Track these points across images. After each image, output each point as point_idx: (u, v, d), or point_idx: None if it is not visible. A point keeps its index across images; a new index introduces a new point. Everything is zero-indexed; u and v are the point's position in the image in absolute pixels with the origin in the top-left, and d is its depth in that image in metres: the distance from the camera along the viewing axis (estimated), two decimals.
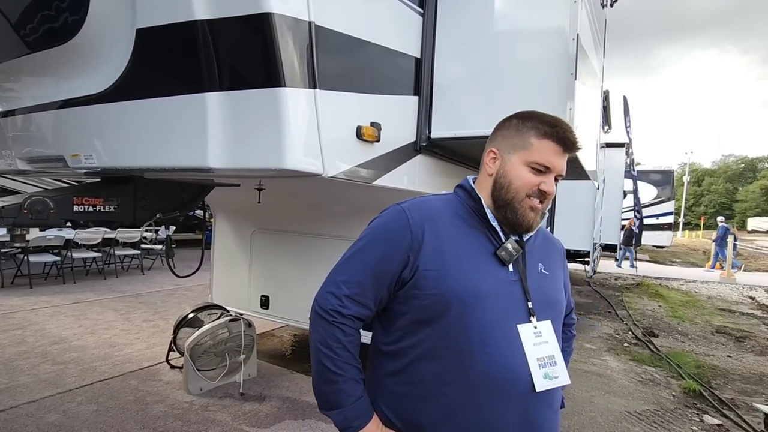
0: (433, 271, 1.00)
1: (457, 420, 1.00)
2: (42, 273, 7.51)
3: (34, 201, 1.90)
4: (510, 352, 0.99)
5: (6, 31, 1.98)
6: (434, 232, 1.03)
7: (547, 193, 1.04)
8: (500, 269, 1.04)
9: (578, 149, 1.06)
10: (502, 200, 1.05)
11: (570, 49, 2.12)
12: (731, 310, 8.19)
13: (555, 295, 1.14)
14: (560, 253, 1.26)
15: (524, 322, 1.02)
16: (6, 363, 3.86)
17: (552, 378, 1.02)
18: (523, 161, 1.04)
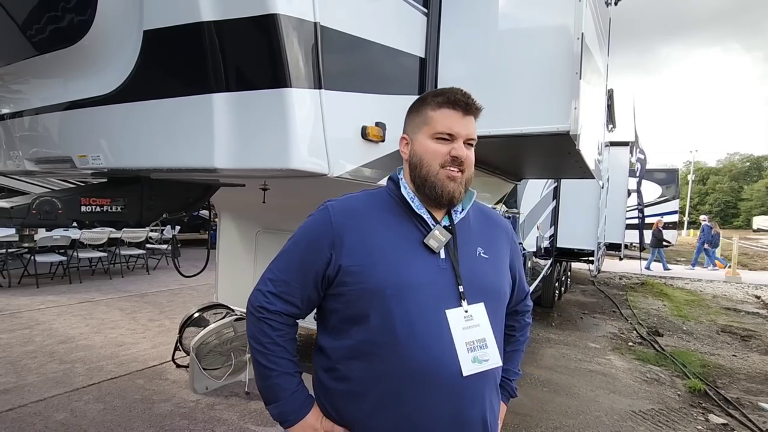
0: (356, 267, 1.01)
1: (386, 415, 1.00)
2: (48, 273, 7.57)
3: (42, 201, 1.92)
4: (437, 340, 0.98)
5: (14, 33, 1.99)
6: (357, 228, 1.04)
7: (461, 159, 1.04)
8: (430, 257, 1.03)
9: (477, 108, 1.07)
10: (420, 178, 1.06)
11: (575, 48, 2.12)
12: (736, 309, 8.15)
13: (494, 279, 1.12)
14: (508, 236, 1.22)
15: (455, 307, 1.01)
16: (14, 362, 3.90)
17: (482, 361, 1.01)
18: (428, 136, 1.07)
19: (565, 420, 3.44)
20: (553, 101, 2.16)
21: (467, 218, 1.13)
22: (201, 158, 1.71)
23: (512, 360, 1.30)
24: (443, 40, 2.44)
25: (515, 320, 1.31)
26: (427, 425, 0.99)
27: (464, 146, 1.06)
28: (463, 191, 1.07)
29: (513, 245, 1.23)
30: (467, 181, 1.08)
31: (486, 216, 1.21)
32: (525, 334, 1.35)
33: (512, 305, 1.27)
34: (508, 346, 1.28)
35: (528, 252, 5.50)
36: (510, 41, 2.34)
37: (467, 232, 1.11)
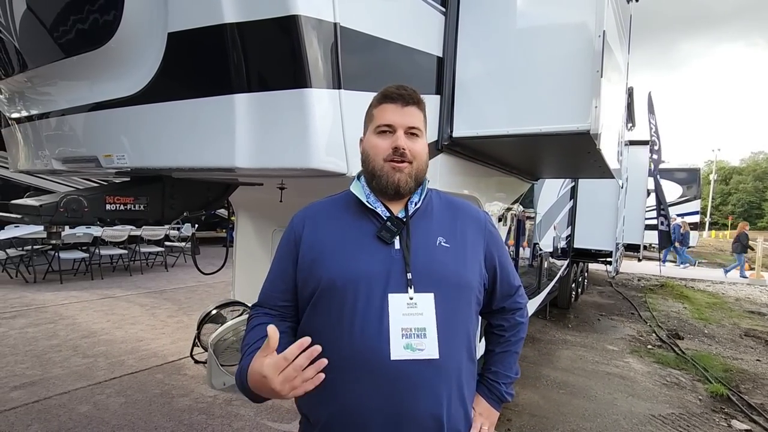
0: (308, 261, 1.09)
1: (325, 405, 1.03)
2: (71, 269, 7.78)
3: (69, 200, 1.98)
4: (374, 324, 0.99)
5: (43, 36, 2.06)
6: (313, 227, 1.13)
7: (401, 148, 1.06)
8: (384, 248, 1.06)
9: (414, 98, 1.11)
10: (369, 172, 1.12)
11: (596, 46, 2.08)
12: (761, 313, 7.93)
13: (454, 269, 1.08)
14: (480, 227, 1.18)
15: (400, 293, 1.02)
16: (39, 355, 4.02)
17: (415, 349, 0.99)
18: (372, 132, 1.12)
19: (583, 423, 3.40)
20: (573, 100, 2.13)
21: (429, 209, 1.15)
22: (222, 158, 1.73)
23: (502, 362, 1.24)
24: (461, 39, 2.43)
25: (503, 318, 1.25)
26: (362, 416, 0.99)
27: (406, 136, 1.08)
28: (410, 181, 1.09)
29: (489, 236, 1.19)
30: (418, 172, 1.11)
31: (454, 207, 1.20)
32: (518, 334, 1.26)
33: (497, 301, 1.23)
34: (496, 347, 1.25)
35: (544, 252, 5.44)
36: (529, 40, 2.32)
37: (427, 222, 1.12)
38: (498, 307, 1.24)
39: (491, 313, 1.25)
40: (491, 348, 1.26)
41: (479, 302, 1.16)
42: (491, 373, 1.23)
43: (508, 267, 1.23)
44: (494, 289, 1.21)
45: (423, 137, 1.12)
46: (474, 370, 1.14)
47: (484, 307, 1.22)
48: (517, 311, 1.26)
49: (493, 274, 1.19)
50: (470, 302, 1.11)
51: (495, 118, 2.35)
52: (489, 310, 1.25)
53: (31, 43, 2.16)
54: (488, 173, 3.14)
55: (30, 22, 2.06)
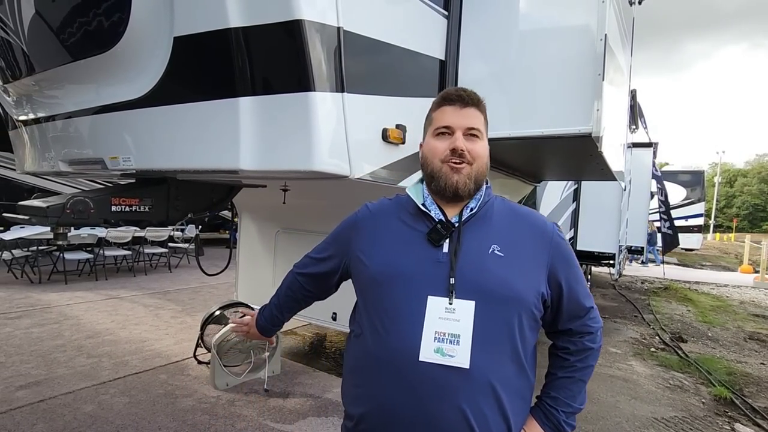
0: (361, 254, 1.12)
1: (362, 398, 1.06)
2: (76, 270, 7.81)
3: (76, 201, 2.00)
4: (409, 324, 1.00)
5: (51, 40, 2.09)
6: (373, 223, 1.16)
7: (459, 149, 1.05)
8: (432, 251, 1.05)
9: (474, 99, 1.10)
10: (428, 175, 1.11)
11: (598, 49, 2.10)
12: (765, 316, 7.88)
13: (504, 280, 1.02)
14: (544, 239, 1.10)
15: (441, 296, 1.01)
16: (44, 355, 4.05)
17: (445, 354, 0.96)
18: (430, 135, 1.12)
19: (585, 425, 3.39)
20: (575, 103, 2.14)
21: (488, 215, 1.11)
22: (227, 160, 1.75)
23: (564, 388, 1.13)
24: (463, 43, 2.44)
25: (570, 341, 1.14)
26: (392, 414, 1.01)
27: (466, 138, 1.07)
28: (469, 183, 1.07)
29: (555, 250, 1.10)
30: (478, 174, 1.08)
31: (517, 215, 1.14)
32: (585, 361, 1.13)
33: (563, 322, 1.13)
34: (559, 371, 1.15)
35: None
36: (531, 43, 2.34)
37: (483, 228, 1.08)
38: (564, 328, 1.14)
39: (556, 333, 1.17)
40: (553, 371, 1.17)
41: (536, 319, 1.07)
42: (550, 398, 1.13)
43: (577, 286, 1.12)
44: (559, 309, 1.11)
45: (483, 139, 1.10)
46: (524, 389, 1.07)
47: (549, 326, 1.16)
48: (587, 335, 1.14)
49: (558, 292, 1.10)
50: (520, 317, 1.03)
51: (497, 120, 2.36)
52: (554, 330, 1.16)
53: (39, 46, 2.19)
54: (491, 175, 3.14)
55: (38, 26, 2.09)
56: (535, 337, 1.09)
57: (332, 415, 3.22)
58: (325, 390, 3.61)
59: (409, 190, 1.16)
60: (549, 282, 1.09)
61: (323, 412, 3.25)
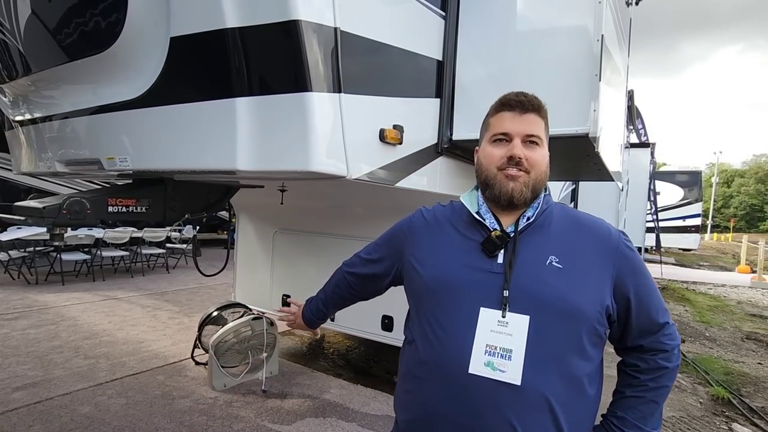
0: (415, 262, 1.12)
1: (412, 405, 1.07)
2: (73, 270, 7.80)
3: (72, 202, 2.00)
4: (460, 335, 0.98)
5: (47, 40, 2.08)
6: (428, 230, 1.15)
7: (517, 157, 1.02)
8: (486, 261, 1.02)
9: (534, 104, 1.06)
10: (483, 182, 1.09)
11: (594, 50, 2.10)
12: (762, 316, 7.91)
13: (562, 292, 0.97)
14: (609, 250, 1.03)
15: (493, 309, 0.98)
16: (41, 357, 4.03)
17: (495, 369, 0.94)
18: (487, 141, 1.09)
19: None
20: (572, 103, 2.14)
21: (546, 224, 1.06)
22: (224, 160, 1.75)
23: (633, 408, 1.05)
24: (461, 43, 2.45)
25: (640, 358, 1.05)
26: (440, 424, 0.99)
27: (524, 145, 1.03)
28: (525, 191, 1.02)
29: (622, 261, 1.02)
30: (535, 182, 1.04)
31: (579, 224, 1.07)
32: (658, 381, 1.04)
33: (632, 338, 1.05)
34: (627, 389, 1.07)
35: None
36: (528, 43, 2.34)
37: (540, 239, 1.03)
38: (634, 344, 1.06)
39: (625, 350, 1.09)
40: (621, 389, 1.09)
41: (599, 335, 1.00)
42: (617, 418, 1.06)
43: (648, 299, 1.03)
44: (628, 324, 1.04)
45: (543, 146, 1.06)
46: (584, 407, 1.01)
47: (617, 342, 1.09)
48: (660, 353, 1.04)
49: (626, 306, 1.02)
50: (579, 333, 0.97)
51: None
52: (623, 347, 1.09)
53: (36, 46, 2.19)
54: None
55: (34, 26, 2.09)
56: (599, 353, 1.03)
57: (330, 416, 3.22)
58: (323, 391, 3.60)
59: (463, 197, 1.14)
60: (615, 295, 1.02)
61: (321, 413, 3.25)
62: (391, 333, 3.52)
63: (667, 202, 16.14)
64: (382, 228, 1.26)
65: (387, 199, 3.04)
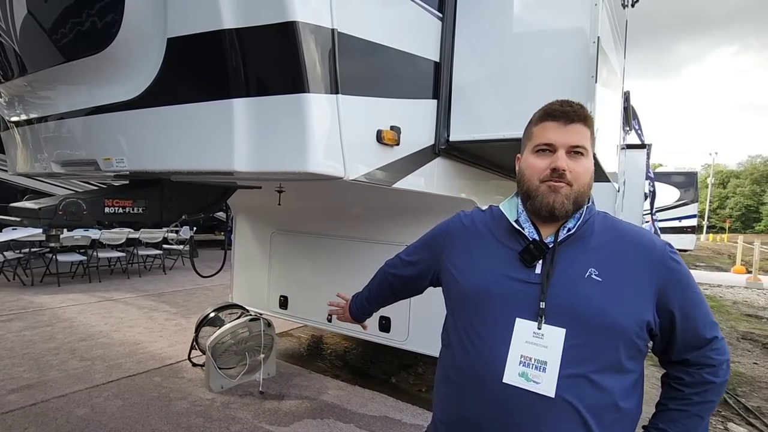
0: (453, 269, 1.13)
1: (447, 404, 1.10)
2: (69, 272, 7.76)
3: (68, 203, 1.99)
4: (496, 344, 0.99)
5: (43, 40, 2.07)
6: (466, 237, 1.15)
7: (560, 170, 1.00)
8: (524, 271, 1.02)
9: (579, 114, 1.03)
10: (524, 192, 1.07)
11: (590, 52, 2.11)
12: (758, 316, 7.95)
13: (600, 306, 0.95)
14: (653, 261, 1.00)
15: (529, 320, 0.98)
16: (37, 358, 4.01)
17: (529, 380, 0.94)
18: (530, 151, 1.07)
19: None
20: None
21: (587, 235, 1.04)
22: (221, 161, 1.75)
23: (674, 421, 1.02)
24: (458, 45, 2.45)
25: (685, 372, 1.03)
26: (473, 425, 1.01)
27: (569, 156, 1.01)
28: (567, 203, 1.01)
29: (666, 274, 0.99)
30: (578, 195, 1.02)
31: (621, 235, 1.05)
32: (704, 395, 1.00)
33: (677, 352, 1.02)
34: (671, 402, 1.04)
35: None
36: (525, 45, 2.35)
37: (580, 250, 1.02)
38: (679, 358, 1.03)
39: (670, 363, 1.06)
40: (664, 402, 1.06)
41: (638, 349, 0.98)
42: (658, 430, 1.04)
43: (694, 313, 1.00)
44: (672, 338, 1.01)
45: (588, 156, 1.04)
46: (621, 421, 0.98)
47: (662, 355, 1.07)
48: (706, 368, 1.01)
49: (670, 321, 1.00)
50: (617, 347, 0.95)
51: (491, 122, 2.38)
52: (668, 360, 1.06)
53: (31, 47, 2.18)
54: (486, 177, 3.17)
55: (30, 27, 2.08)
56: (639, 366, 1.01)
57: (328, 417, 3.21)
58: (321, 392, 3.60)
59: (503, 205, 1.13)
60: (658, 310, 0.99)
61: (319, 414, 3.24)
62: (388, 334, 3.52)
63: (663, 203, 16.21)
64: (380, 228, 1.28)
65: (384, 200, 3.05)
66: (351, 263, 3.63)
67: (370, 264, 1.50)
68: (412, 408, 3.40)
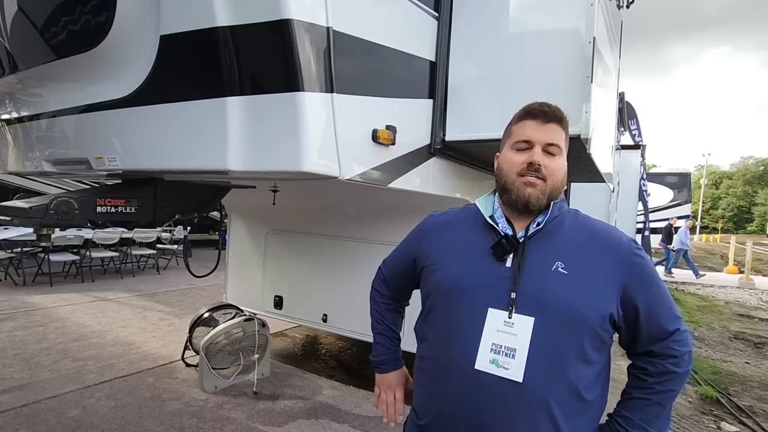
0: (430, 266, 1.17)
1: (425, 397, 1.14)
2: (61, 271, 7.69)
3: (60, 202, 1.96)
4: (468, 334, 1.04)
5: (34, 38, 2.05)
6: (439, 235, 1.20)
7: (536, 164, 1.06)
8: (495, 264, 1.07)
9: (557, 115, 1.09)
10: (501, 186, 1.12)
11: (586, 52, 2.11)
12: (750, 316, 8.02)
13: (566, 298, 1.00)
14: (618, 257, 1.05)
15: (500, 310, 1.03)
16: (28, 359, 3.97)
17: (499, 366, 0.99)
18: (509, 147, 1.13)
19: None
20: (564, 105, 2.11)
21: (556, 230, 1.09)
22: (214, 160, 1.73)
23: (638, 409, 1.06)
24: (454, 44, 2.45)
25: (650, 362, 1.07)
26: (449, 417, 1.06)
27: (544, 154, 1.07)
28: (541, 198, 1.06)
29: (631, 268, 1.04)
30: (552, 190, 1.08)
31: (590, 231, 1.10)
32: (666, 385, 1.05)
33: (642, 344, 1.07)
34: (634, 391, 1.09)
35: None
36: (521, 45, 2.35)
37: (549, 244, 1.07)
38: (644, 350, 1.08)
39: (636, 355, 1.11)
40: (628, 390, 1.11)
41: (602, 339, 1.03)
42: (621, 418, 1.07)
43: (658, 307, 1.04)
44: (636, 331, 1.06)
45: (562, 156, 1.10)
46: (585, 409, 1.03)
47: (627, 347, 1.12)
48: (670, 359, 1.05)
49: (634, 314, 1.04)
50: (581, 337, 1.00)
51: (487, 122, 2.38)
52: (634, 352, 1.11)
53: (22, 44, 2.15)
54: (481, 177, 3.16)
55: (21, 24, 2.05)
56: (603, 358, 1.06)
57: (322, 417, 3.20)
58: (315, 392, 3.59)
59: (479, 201, 1.18)
60: (623, 303, 1.03)
61: (313, 415, 3.23)
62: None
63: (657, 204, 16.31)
64: (375, 228, 1.28)
65: (380, 199, 3.04)
66: (346, 263, 3.62)
67: (366, 264, 1.50)
68: (406, 408, 3.39)
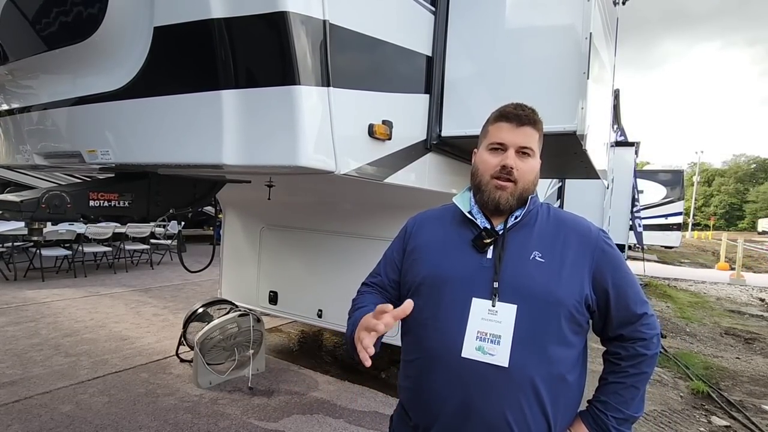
0: (412, 260, 1.21)
1: (412, 388, 1.17)
2: (54, 266, 7.62)
3: (51, 196, 1.94)
4: (454, 324, 1.08)
5: (25, 28, 2.01)
6: (422, 230, 1.26)
7: (509, 167, 1.11)
8: (476, 256, 1.12)
9: (531, 118, 1.14)
10: (476, 186, 1.18)
11: (583, 48, 2.11)
12: (740, 312, 8.12)
13: (545, 284, 1.06)
14: (588, 245, 1.12)
15: (484, 299, 1.08)
16: (20, 354, 3.94)
17: (486, 353, 1.04)
18: (485, 147, 1.18)
19: None
20: (560, 101, 2.15)
21: (531, 223, 1.16)
22: (209, 154, 1.71)
23: (613, 393, 1.13)
24: (450, 39, 2.44)
25: (621, 347, 1.14)
26: (436, 403, 1.09)
27: (517, 155, 1.12)
28: (511, 200, 1.12)
29: (600, 256, 1.11)
30: (522, 191, 1.13)
31: (561, 223, 1.17)
32: (638, 367, 1.12)
33: (613, 328, 1.14)
34: (609, 376, 1.15)
35: None
36: (517, 40, 2.34)
37: (525, 235, 1.13)
38: (615, 334, 1.14)
39: (608, 340, 1.18)
40: (604, 376, 1.17)
41: (579, 323, 1.09)
42: (600, 402, 1.14)
43: (626, 291, 1.12)
44: (608, 314, 1.12)
45: (535, 157, 1.15)
46: (568, 391, 1.09)
47: (600, 333, 1.18)
48: (639, 341, 1.12)
49: (605, 298, 1.11)
50: (560, 320, 1.06)
51: (484, 117, 2.34)
52: (606, 337, 1.18)
53: (13, 35, 2.11)
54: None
55: (11, 14, 2.01)
56: (581, 342, 1.12)
57: (317, 412, 3.20)
58: (310, 388, 3.59)
59: (456, 198, 1.23)
60: (594, 287, 1.11)
61: (308, 410, 3.23)
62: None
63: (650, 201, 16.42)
64: (370, 224, 1.28)
65: (375, 195, 3.03)
66: (341, 259, 3.61)
67: (361, 259, 1.49)
68: None
